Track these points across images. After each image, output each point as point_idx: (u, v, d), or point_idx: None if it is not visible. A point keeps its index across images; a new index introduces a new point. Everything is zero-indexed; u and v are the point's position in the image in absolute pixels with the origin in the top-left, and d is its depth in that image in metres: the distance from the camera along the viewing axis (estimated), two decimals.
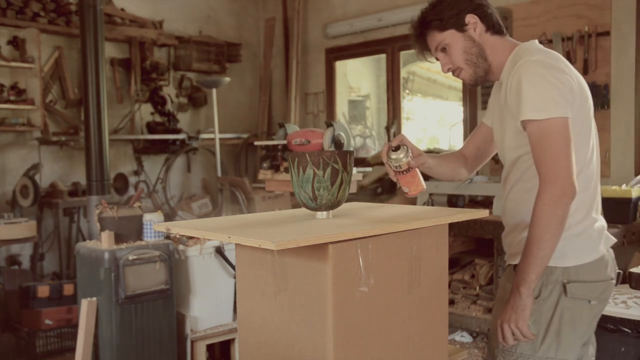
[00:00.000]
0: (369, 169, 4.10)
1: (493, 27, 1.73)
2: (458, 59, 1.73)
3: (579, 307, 1.62)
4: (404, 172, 1.66)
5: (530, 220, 1.55)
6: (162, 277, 2.95)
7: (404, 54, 5.10)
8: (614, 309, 2.48)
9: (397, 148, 1.65)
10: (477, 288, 3.90)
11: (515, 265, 1.66)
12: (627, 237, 3.19)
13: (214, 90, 5.22)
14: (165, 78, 5.30)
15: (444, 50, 1.74)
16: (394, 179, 1.69)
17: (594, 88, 3.82)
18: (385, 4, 4.97)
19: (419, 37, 1.79)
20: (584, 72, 3.85)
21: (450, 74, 1.79)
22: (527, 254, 1.55)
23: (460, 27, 1.71)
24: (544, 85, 1.56)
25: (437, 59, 1.79)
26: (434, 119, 6.23)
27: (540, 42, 1.75)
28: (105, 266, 2.80)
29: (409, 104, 6.11)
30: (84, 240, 4.28)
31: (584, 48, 3.85)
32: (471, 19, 1.71)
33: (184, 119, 5.52)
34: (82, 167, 4.22)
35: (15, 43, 4.42)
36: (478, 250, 4.16)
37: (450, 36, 1.72)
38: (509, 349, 1.64)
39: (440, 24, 1.72)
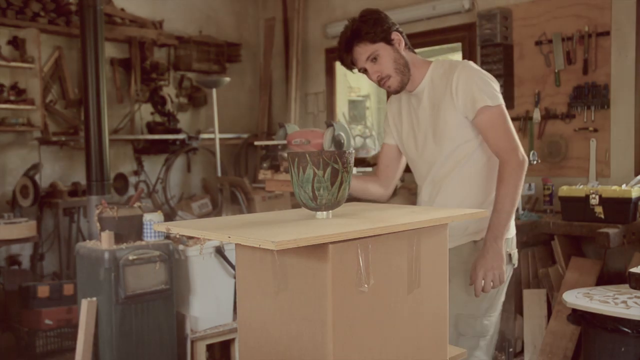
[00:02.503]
0: (369, 169, 4.10)
1: (407, 46, 2.07)
2: (389, 67, 2.00)
3: (509, 271, 2.02)
4: None
5: (501, 186, 1.89)
6: (162, 277, 2.95)
7: None
8: (614, 309, 2.48)
9: None
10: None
11: (475, 242, 1.99)
12: (627, 237, 3.19)
13: (214, 90, 5.22)
14: (165, 78, 5.30)
15: (374, 60, 2.00)
16: None
17: (594, 88, 3.82)
18: (385, 4, 4.97)
19: (349, 48, 2.01)
20: (584, 72, 3.86)
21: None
22: (500, 212, 1.88)
23: (389, 41, 2.00)
24: (488, 80, 1.96)
25: (363, 70, 2.04)
26: None
27: (540, 42, 1.90)
28: (105, 266, 2.80)
29: None
30: (84, 240, 4.28)
31: (584, 48, 3.85)
32: (396, 35, 2.01)
33: (184, 119, 5.52)
34: (82, 167, 4.22)
35: (15, 43, 4.42)
36: None
37: (381, 48, 1.99)
38: (465, 320, 1.97)
39: (373, 36, 1.97)
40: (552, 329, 3.35)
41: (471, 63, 2.00)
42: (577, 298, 2.70)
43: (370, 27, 1.96)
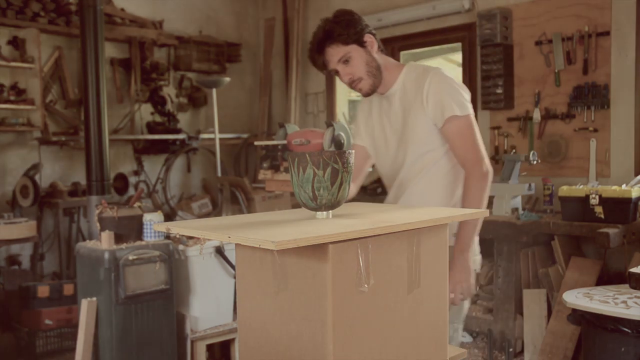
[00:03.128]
0: (369, 169, 4.10)
1: (380, 48, 2.05)
2: (361, 69, 1.98)
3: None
4: None
5: (466, 197, 1.91)
6: (162, 277, 2.95)
7: (404, 54, 5.10)
8: (614, 309, 2.48)
9: None
10: (477, 288, 3.90)
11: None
12: (627, 237, 3.19)
13: (214, 90, 5.22)
14: (165, 78, 5.30)
15: (346, 62, 1.97)
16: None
17: (594, 88, 3.82)
18: (385, 4, 4.97)
19: (322, 49, 1.97)
20: (584, 72, 3.86)
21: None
22: (467, 224, 1.88)
23: (362, 43, 1.97)
24: (458, 89, 1.97)
25: (334, 72, 2.01)
26: None
27: (540, 42, 1.87)
28: (105, 266, 2.80)
29: None
30: (84, 240, 4.28)
31: (584, 48, 3.85)
32: (369, 38, 1.99)
33: (184, 119, 5.52)
34: (82, 167, 4.22)
35: (15, 43, 4.42)
36: None
37: (353, 50, 1.96)
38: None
39: (346, 38, 1.94)
40: (552, 329, 3.35)
41: (443, 70, 2.00)
42: (577, 298, 2.70)
43: (343, 29, 1.94)
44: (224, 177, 5.20)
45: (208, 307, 3.11)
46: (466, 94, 2.00)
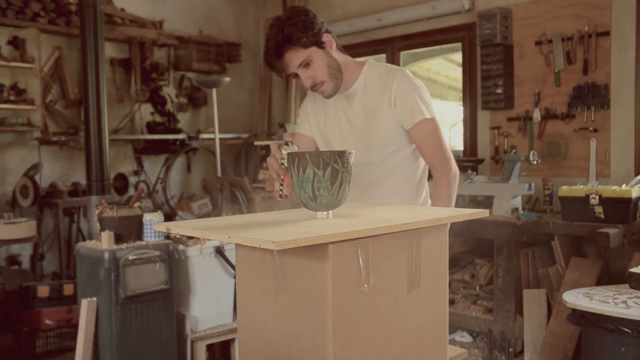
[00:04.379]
0: None
1: (338, 47, 1.98)
2: (322, 73, 1.91)
3: None
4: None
5: (437, 197, 1.93)
6: (162, 277, 2.95)
7: (404, 54, 5.10)
8: (614, 309, 2.48)
9: (288, 144, 1.70)
10: (477, 288, 3.90)
11: None
12: (627, 237, 3.19)
13: (214, 90, 5.22)
14: (165, 78, 5.30)
15: (307, 65, 1.90)
16: (278, 178, 1.70)
17: (594, 88, 3.82)
18: (385, 4, 4.97)
19: (280, 54, 1.88)
20: (584, 72, 3.86)
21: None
22: None
23: (320, 44, 1.90)
24: (426, 92, 1.96)
25: (294, 76, 1.93)
26: None
27: (540, 42, 1.84)
28: (105, 266, 2.80)
29: None
30: (84, 240, 4.28)
31: (584, 48, 3.85)
32: (327, 37, 1.92)
33: (184, 119, 5.52)
34: (82, 167, 4.22)
35: (15, 43, 4.42)
36: (478, 250, 4.16)
37: (313, 52, 1.89)
38: None
39: (305, 41, 1.86)
40: (552, 329, 3.35)
41: (409, 72, 1.98)
42: (577, 298, 2.69)
43: (301, 32, 1.86)
44: (224, 177, 5.20)
45: (208, 307, 3.11)
46: (429, 96, 1.99)
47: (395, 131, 1.95)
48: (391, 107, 1.93)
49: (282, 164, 1.66)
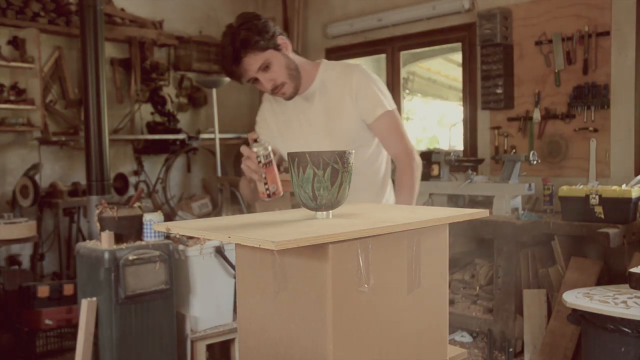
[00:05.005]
0: None
1: (293, 48, 2.00)
2: (282, 74, 1.91)
3: None
4: (269, 165, 1.67)
5: (401, 188, 1.93)
6: (162, 277, 2.95)
7: (404, 54, 5.10)
8: (614, 309, 2.48)
9: (257, 140, 1.71)
10: (477, 288, 3.90)
11: None
12: (627, 237, 3.19)
13: (214, 90, 5.22)
14: (165, 78, 5.30)
15: (266, 68, 1.89)
16: (261, 179, 1.69)
17: (594, 88, 3.82)
18: (385, 4, 4.97)
19: (238, 59, 1.86)
20: (584, 72, 3.86)
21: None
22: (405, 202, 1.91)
23: (277, 47, 1.90)
24: (383, 85, 2.00)
25: (253, 80, 1.92)
26: (434, 119, 6.23)
27: (540, 42, 1.84)
28: (105, 266, 2.80)
29: (409, 104, 6.11)
30: (84, 240, 4.28)
31: (584, 48, 3.85)
32: (282, 40, 1.92)
33: (184, 119, 5.52)
34: (82, 167, 4.22)
35: (15, 43, 4.42)
36: (478, 251, 4.16)
37: (271, 55, 1.88)
38: None
39: (262, 44, 1.85)
40: (552, 329, 3.35)
41: (365, 67, 2.01)
42: (577, 298, 2.69)
43: (258, 35, 1.84)
44: (224, 177, 5.20)
45: (208, 307, 3.11)
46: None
47: (358, 127, 1.97)
48: (352, 103, 1.95)
49: (260, 161, 1.65)
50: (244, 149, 1.70)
